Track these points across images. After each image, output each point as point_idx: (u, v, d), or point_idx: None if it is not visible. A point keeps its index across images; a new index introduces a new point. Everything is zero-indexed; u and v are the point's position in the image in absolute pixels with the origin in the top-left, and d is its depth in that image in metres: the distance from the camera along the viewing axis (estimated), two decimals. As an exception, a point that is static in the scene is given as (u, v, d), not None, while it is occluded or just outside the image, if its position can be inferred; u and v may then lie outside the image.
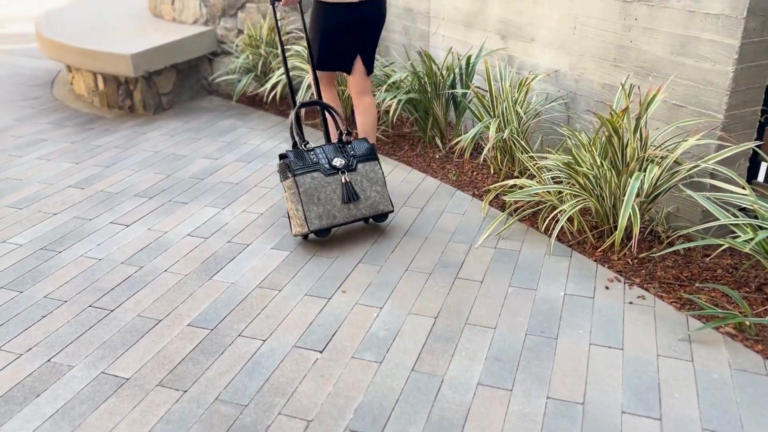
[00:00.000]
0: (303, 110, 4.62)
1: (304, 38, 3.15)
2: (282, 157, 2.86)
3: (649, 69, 2.84)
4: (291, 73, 4.30)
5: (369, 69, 3.28)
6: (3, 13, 10.15)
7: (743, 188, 2.43)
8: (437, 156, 3.85)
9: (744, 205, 2.44)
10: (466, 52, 4.05)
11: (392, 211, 2.97)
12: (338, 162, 2.84)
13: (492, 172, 3.56)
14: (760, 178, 2.86)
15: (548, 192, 2.82)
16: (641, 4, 2.81)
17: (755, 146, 2.68)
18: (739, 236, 2.60)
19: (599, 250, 2.73)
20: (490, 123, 3.29)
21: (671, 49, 2.71)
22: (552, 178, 3.00)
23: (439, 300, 2.44)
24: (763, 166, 2.97)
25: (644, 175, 2.42)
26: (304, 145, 2.88)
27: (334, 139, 3.47)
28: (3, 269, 2.72)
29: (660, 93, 2.62)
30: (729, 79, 2.51)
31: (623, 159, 2.62)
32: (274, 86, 4.82)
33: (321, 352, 2.17)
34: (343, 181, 2.81)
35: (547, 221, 2.82)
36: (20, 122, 4.70)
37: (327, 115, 3.39)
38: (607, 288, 2.48)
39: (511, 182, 2.95)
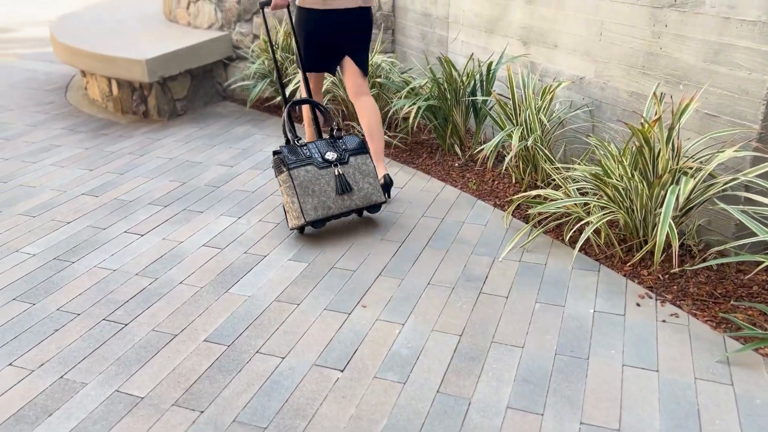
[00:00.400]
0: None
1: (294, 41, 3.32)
2: (276, 153, 2.93)
3: (680, 77, 2.74)
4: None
5: (364, 70, 3.34)
6: (17, 17, 10.18)
7: (782, 202, 2.33)
8: (457, 164, 3.77)
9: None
10: (487, 59, 3.97)
11: (385, 202, 3.04)
12: (330, 155, 2.93)
13: (513, 181, 3.47)
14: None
15: (575, 204, 2.73)
16: (672, 10, 2.72)
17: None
18: (776, 252, 2.50)
19: (628, 264, 2.63)
20: (512, 131, 3.20)
21: (704, 56, 2.62)
22: (577, 189, 2.91)
23: (464, 316, 2.35)
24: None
25: (679, 188, 2.33)
26: (297, 141, 2.96)
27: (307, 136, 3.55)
28: (16, 280, 2.67)
29: (693, 102, 2.52)
30: (766, 88, 2.41)
31: (654, 170, 2.52)
32: (293, 93, 4.75)
33: (342, 371, 2.09)
34: (336, 173, 2.90)
35: (572, 233, 2.73)
36: (34, 128, 4.66)
37: (317, 112, 3.46)
38: (638, 305, 2.38)
39: (534, 193, 2.87)
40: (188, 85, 4.86)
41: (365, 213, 3.20)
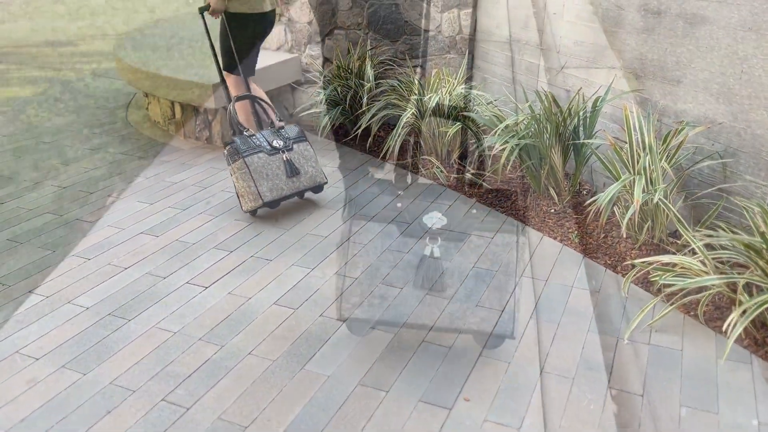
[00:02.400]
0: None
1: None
2: (227, 144, 3.23)
3: None
4: (385, 111, 3.87)
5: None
6: (81, 30, 10.22)
7: None
8: (552, 210, 3.34)
9: None
10: (593, 93, 3.52)
11: (326, 183, 3.42)
12: (277, 143, 3.27)
13: (625, 235, 3.01)
14: None
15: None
16: None
17: None
18: None
19: (790, 357, 2.15)
20: (630, 181, 2.75)
21: None
22: (713, 258, 2.44)
23: (593, 421, 1.92)
24: None
25: None
26: (245, 131, 3.29)
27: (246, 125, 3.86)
28: (67, 340, 2.36)
29: None
30: None
31: (830, 245, 2.05)
32: (368, 123, 4.40)
33: (450, 494, 1.68)
34: (284, 159, 3.25)
35: (707, 306, 2.27)
36: (93, 152, 4.44)
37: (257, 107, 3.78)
38: (815, 418, 1.91)
39: (665, 259, 2.41)
40: (254, 110, 4.56)
41: (308, 194, 3.54)
